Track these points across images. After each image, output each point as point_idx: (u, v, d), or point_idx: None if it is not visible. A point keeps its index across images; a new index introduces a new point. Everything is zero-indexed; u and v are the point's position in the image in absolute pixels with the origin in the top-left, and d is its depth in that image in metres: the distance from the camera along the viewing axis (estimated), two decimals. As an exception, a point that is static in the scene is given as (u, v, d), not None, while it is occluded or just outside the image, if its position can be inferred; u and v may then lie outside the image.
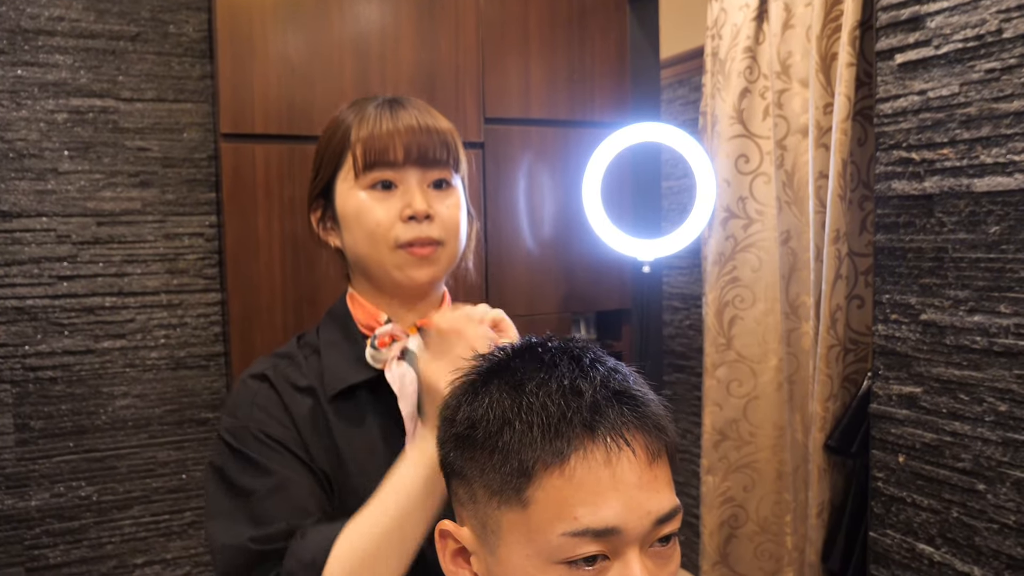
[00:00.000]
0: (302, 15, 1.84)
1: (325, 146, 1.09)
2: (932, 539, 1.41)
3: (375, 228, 1.03)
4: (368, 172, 1.04)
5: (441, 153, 1.06)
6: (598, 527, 0.67)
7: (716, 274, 2.14)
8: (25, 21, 1.81)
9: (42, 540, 1.86)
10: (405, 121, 1.05)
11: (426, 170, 1.06)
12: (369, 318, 1.08)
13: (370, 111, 1.07)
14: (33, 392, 1.85)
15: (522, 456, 0.69)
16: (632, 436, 0.70)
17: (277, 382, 1.04)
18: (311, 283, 1.85)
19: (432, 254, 1.05)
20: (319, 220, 1.12)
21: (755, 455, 2.14)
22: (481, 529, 0.74)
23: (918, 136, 1.39)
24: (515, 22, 2.06)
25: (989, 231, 1.29)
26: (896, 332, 1.45)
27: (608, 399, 0.71)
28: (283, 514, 0.93)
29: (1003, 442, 1.29)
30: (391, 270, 1.04)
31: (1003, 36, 1.25)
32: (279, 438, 0.98)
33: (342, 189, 1.06)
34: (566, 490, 0.68)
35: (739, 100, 2.07)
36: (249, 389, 1.04)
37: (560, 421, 0.69)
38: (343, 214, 1.07)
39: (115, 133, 1.89)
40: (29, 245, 1.83)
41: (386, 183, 1.04)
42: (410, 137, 1.04)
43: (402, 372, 1.03)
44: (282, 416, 1.01)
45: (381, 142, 1.03)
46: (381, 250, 1.04)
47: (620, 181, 2.16)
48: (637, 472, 0.69)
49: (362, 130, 1.05)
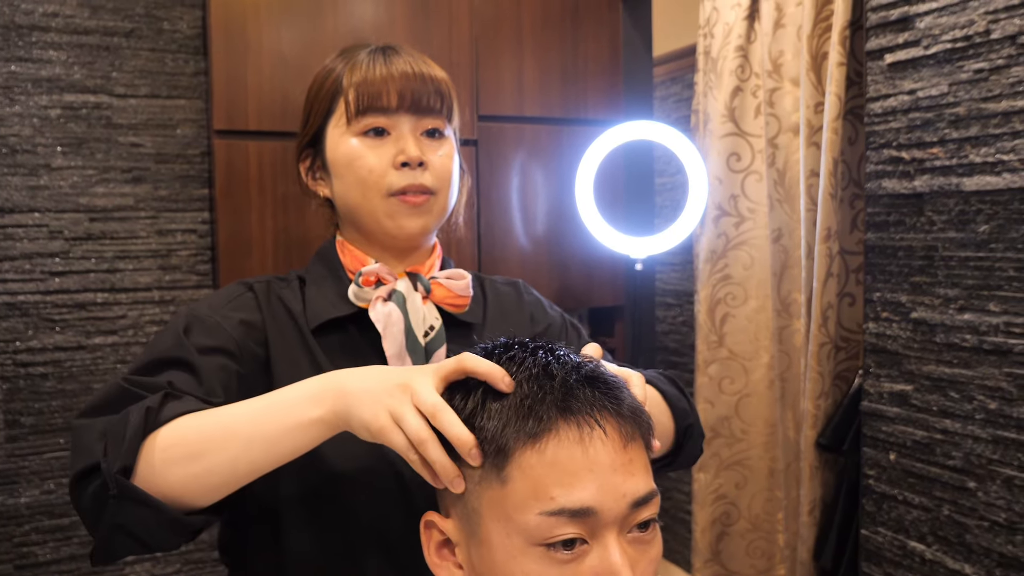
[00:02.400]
0: (296, 12, 1.84)
1: (315, 93, 1.06)
2: (923, 537, 1.42)
3: (367, 175, 1.01)
4: (360, 118, 1.01)
5: (435, 101, 1.04)
6: (573, 507, 0.69)
7: (708, 271, 2.15)
8: (19, 17, 1.81)
9: (31, 537, 1.86)
10: (399, 67, 1.02)
11: (420, 117, 1.03)
12: (357, 263, 1.06)
13: (362, 57, 1.04)
14: (24, 388, 1.84)
15: (499, 436, 0.71)
16: (604, 418, 0.72)
17: (265, 295, 1.03)
18: (304, 280, 1.85)
19: (424, 203, 1.02)
20: (308, 169, 1.10)
21: (747, 452, 2.15)
22: (463, 510, 0.75)
23: (908, 135, 1.40)
24: (508, 19, 2.07)
25: (978, 230, 1.30)
26: (887, 330, 1.46)
27: (580, 382, 0.73)
28: (172, 377, 0.89)
29: (993, 440, 1.30)
30: (382, 219, 1.02)
31: (991, 37, 1.25)
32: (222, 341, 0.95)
33: (333, 135, 1.04)
34: (541, 469, 0.70)
35: (731, 98, 2.08)
36: (232, 291, 1.03)
37: (534, 402, 0.72)
38: (333, 161, 1.04)
39: (108, 129, 1.89)
40: (21, 241, 1.83)
41: (378, 129, 1.02)
42: (404, 83, 1.01)
43: (387, 311, 1.00)
44: (247, 324, 0.98)
45: (374, 87, 1.01)
46: (372, 198, 1.02)
47: (613, 178, 2.16)
48: (611, 454, 0.71)
49: (355, 75, 1.02)
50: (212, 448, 0.79)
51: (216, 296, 1.03)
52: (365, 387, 0.77)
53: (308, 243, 1.87)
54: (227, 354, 0.94)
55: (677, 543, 3.10)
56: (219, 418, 0.81)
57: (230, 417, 0.81)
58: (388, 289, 1.02)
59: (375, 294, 1.01)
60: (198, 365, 0.91)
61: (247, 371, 0.96)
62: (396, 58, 1.03)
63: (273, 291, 1.04)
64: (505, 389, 0.73)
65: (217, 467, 0.80)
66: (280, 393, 0.83)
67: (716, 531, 2.18)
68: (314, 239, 1.88)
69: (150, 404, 0.82)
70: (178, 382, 0.88)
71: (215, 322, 0.96)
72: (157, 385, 0.87)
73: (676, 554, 3.12)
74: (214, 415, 0.82)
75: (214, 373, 0.91)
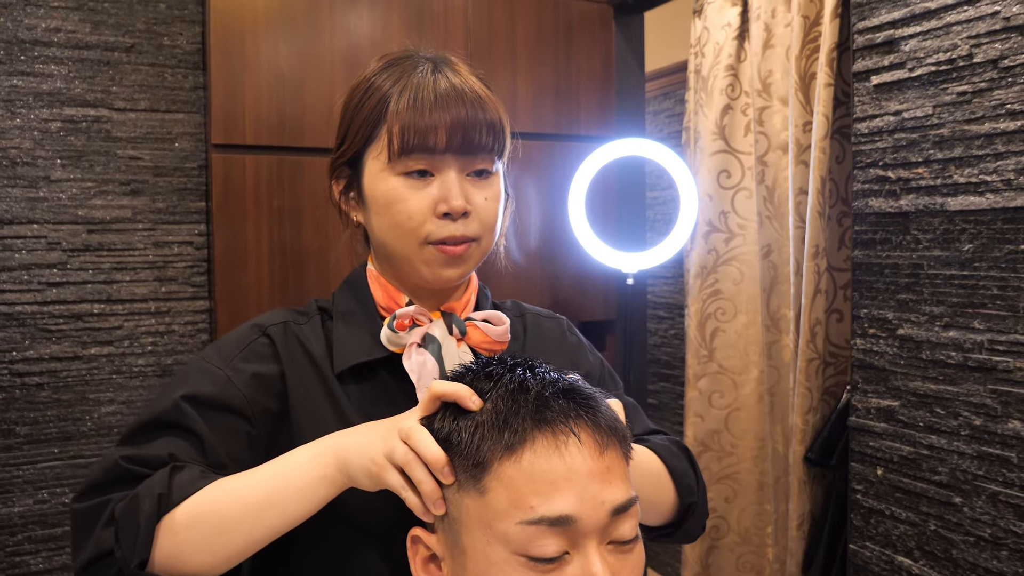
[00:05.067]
0: (294, 28, 1.87)
1: (356, 111, 0.96)
2: (910, 551, 1.43)
3: (406, 221, 0.91)
4: (404, 158, 0.91)
5: (487, 140, 0.93)
6: (552, 515, 0.70)
7: (698, 287, 2.17)
8: (22, 32, 1.83)
9: (24, 547, 1.86)
10: (452, 101, 0.91)
11: (469, 158, 0.93)
12: (389, 300, 0.97)
13: (414, 80, 0.92)
14: (19, 398, 1.85)
15: (476, 450, 0.73)
16: (579, 426, 0.73)
17: (282, 342, 0.95)
18: (299, 293, 1.87)
19: (465, 252, 0.94)
20: (341, 191, 1.00)
21: (736, 466, 2.16)
22: (446, 524, 0.76)
23: (894, 155, 1.42)
24: (502, 36, 2.09)
25: (963, 249, 1.32)
26: (874, 346, 1.48)
27: (556, 394, 0.75)
28: (175, 450, 0.86)
29: (978, 456, 1.31)
30: (418, 265, 0.94)
31: (973, 60, 1.28)
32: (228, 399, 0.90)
33: (372, 167, 0.94)
34: (519, 480, 0.71)
35: (721, 116, 2.11)
36: (245, 337, 0.95)
37: (509, 415, 0.73)
38: (371, 196, 0.94)
39: (107, 142, 1.91)
40: (20, 252, 1.84)
41: (423, 172, 0.91)
42: (455, 122, 0.90)
43: (422, 360, 0.93)
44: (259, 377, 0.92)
45: (422, 125, 0.90)
46: (409, 244, 0.92)
47: (605, 193, 2.19)
48: (588, 462, 0.72)
49: (401, 103, 0.91)
50: (228, 525, 0.80)
51: (228, 343, 0.95)
52: (361, 438, 0.80)
53: (304, 256, 1.89)
54: (235, 413, 0.89)
55: (667, 556, 3.12)
56: (230, 490, 0.81)
57: (242, 488, 0.81)
58: (422, 333, 0.94)
59: (409, 339, 0.94)
60: (201, 432, 0.87)
61: (259, 431, 0.91)
62: (449, 88, 0.92)
63: (291, 333, 0.96)
64: (472, 407, 0.75)
65: (235, 540, 0.81)
66: (284, 459, 0.83)
67: (705, 545, 2.20)
68: (310, 252, 1.90)
69: (160, 490, 0.80)
70: (179, 450, 0.86)
71: (225, 378, 0.90)
72: (158, 459, 0.85)
73: (666, 567, 3.13)
74: (225, 488, 0.82)
75: (219, 436, 0.88)
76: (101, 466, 0.85)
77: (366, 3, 1.94)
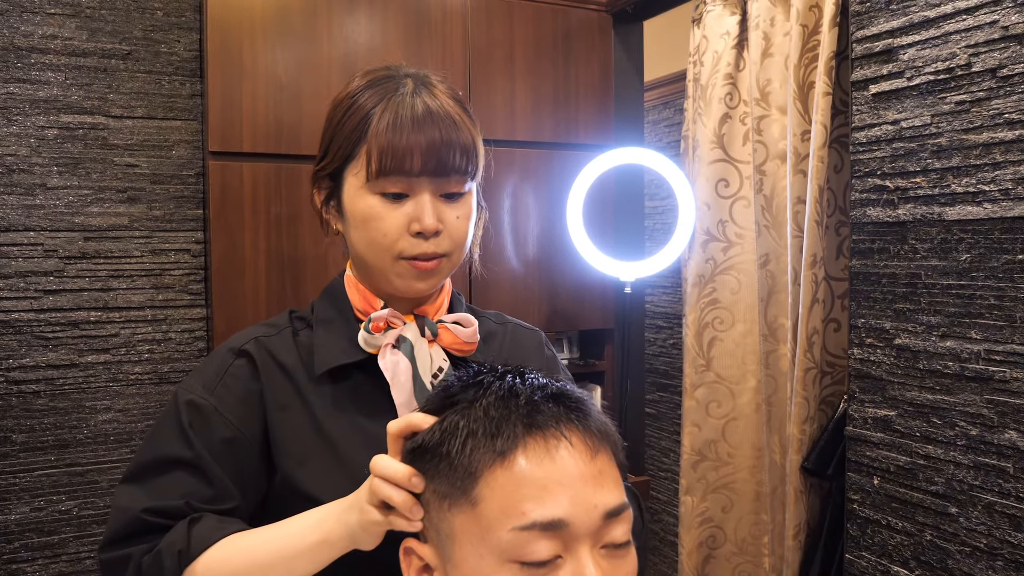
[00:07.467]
0: (291, 36, 1.87)
1: (338, 126, 1.01)
2: (906, 562, 1.43)
3: (381, 238, 0.98)
4: (382, 179, 0.97)
5: (460, 162, 0.98)
6: (545, 520, 0.69)
7: (696, 296, 2.17)
8: (19, 39, 1.83)
9: (20, 555, 1.85)
10: (428, 126, 0.96)
11: (442, 180, 0.98)
12: (366, 304, 1.04)
13: (394, 101, 0.98)
14: (16, 406, 1.85)
15: (467, 459, 0.73)
16: (570, 430, 0.74)
17: (258, 357, 1.00)
18: (296, 300, 1.87)
19: (436, 267, 1.00)
20: (323, 201, 1.06)
21: (733, 476, 2.16)
22: (437, 537, 0.76)
23: (892, 164, 1.42)
24: (501, 45, 2.09)
25: (960, 258, 1.32)
26: (871, 356, 1.48)
27: (545, 399, 0.75)
28: (187, 490, 0.93)
29: (974, 466, 1.31)
30: (392, 278, 1.00)
31: (972, 70, 1.28)
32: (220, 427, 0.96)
33: (351, 184, 1.00)
34: (511, 486, 0.71)
35: (719, 125, 2.11)
36: (223, 363, 1.00)
37: (500, 421, 0.73)
38: (350, 211, 1.00)
39: (104, 149, 1.91)
40: (16, 259, 1.84)
41: (398, 195, 0.97)
42: (430, 147, 0.96)
43: (396, 360, 1.00)
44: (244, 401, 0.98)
45: (400, 147, 0.95)
46: (383, 258, 0.99)
47: (603, 203, 2.19)
48: (580, 465, 0.72)
49: (381, 124, 0.96)
50: None
51: (207, 371, 1.00)
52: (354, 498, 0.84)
53: (301, 263, 1.89)
54: (229, 442, 0.96)
55: (665, 565, 3.10)
56: (243, 546, 0.89)
57: (254, 544, 0.89)
58: (396, 335, 1.01)
59: (384, 340, 1.00)
60: (206, 467, 0.94)
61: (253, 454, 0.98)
62: (425, 111, 0.97)
63: (263, 348, 1.01)
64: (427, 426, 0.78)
65: None
66: (292, 521, 0.90)
67: (702, 554, 2.19)
68: (307, 259, 1.90)
69: (180, 546, 0.89)
70: (191, 489, 0.93)
71: (212, 408, 0.96)
72: (176, 510, 0.92)
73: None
74: (238, 544, 0.89)
75: (222, 467, 0.95)
76: (122, 520, 0.92)
77: (364, 11, 1.94)
